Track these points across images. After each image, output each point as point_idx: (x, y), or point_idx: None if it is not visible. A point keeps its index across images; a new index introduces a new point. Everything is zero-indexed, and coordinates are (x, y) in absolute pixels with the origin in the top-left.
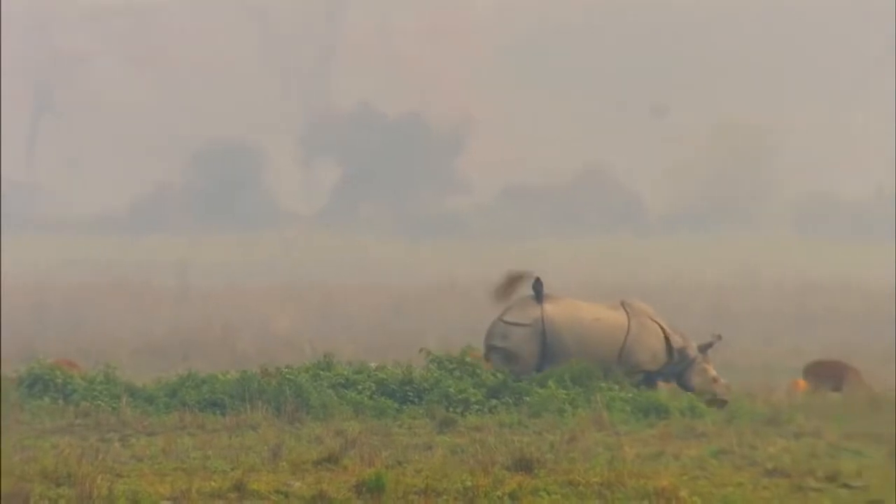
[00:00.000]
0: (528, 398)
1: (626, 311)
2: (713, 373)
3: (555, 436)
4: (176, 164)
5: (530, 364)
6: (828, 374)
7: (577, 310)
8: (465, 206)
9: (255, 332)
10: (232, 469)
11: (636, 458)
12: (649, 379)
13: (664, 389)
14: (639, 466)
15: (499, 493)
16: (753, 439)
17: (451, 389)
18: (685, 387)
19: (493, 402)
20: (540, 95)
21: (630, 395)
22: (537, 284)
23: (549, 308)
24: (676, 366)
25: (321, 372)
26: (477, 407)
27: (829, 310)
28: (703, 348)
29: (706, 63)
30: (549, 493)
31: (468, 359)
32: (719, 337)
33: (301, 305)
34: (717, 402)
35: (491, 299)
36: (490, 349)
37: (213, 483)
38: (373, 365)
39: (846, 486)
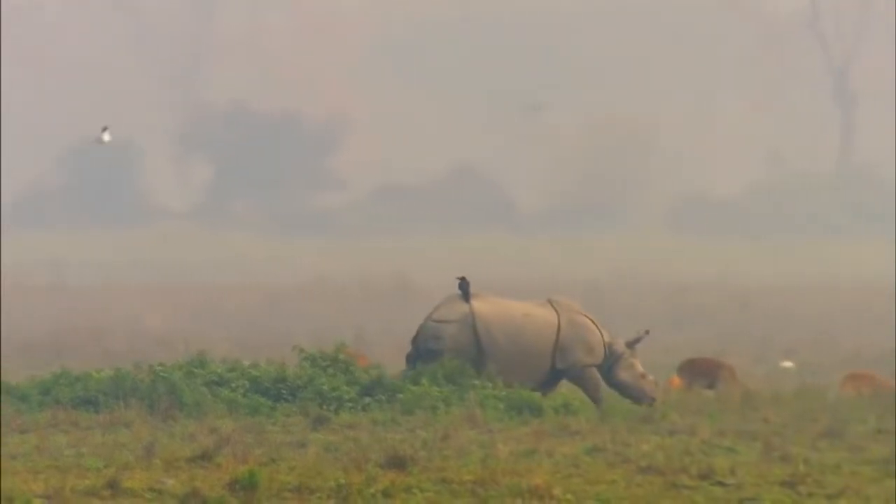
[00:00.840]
0: (401, 396)
1: (554, 308)
2: (640, 369)
3: (428, 433)
4: (50, 162)
5: (468, 359)
6: (702, 371)
7: (506, 306)
8: (338, 204)
9: (128, 330)
10: (105, 466)
11: (509, 455)
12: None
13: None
14: (512, 464)
15: (372, 490)
16: (627, 437)
17: (325, 387)
18: (612, 383)
19: (367, 399)
20: (414, 94)
21: (503, 392)
22: (463, 283)
23: (478, 305)
24: (605, 361)
25: (195, 370)
26: (350, 404)
27: (702, 307)
28: (631, 344)
29: (579, 61)
30: (422, 491)
31: (341, 356)
32: (646, 332)
33: (174, 303)
34: (645, 399)
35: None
36: (424, 352)
37: (86, 481)
38: (246, 363)
39: (720, 483)
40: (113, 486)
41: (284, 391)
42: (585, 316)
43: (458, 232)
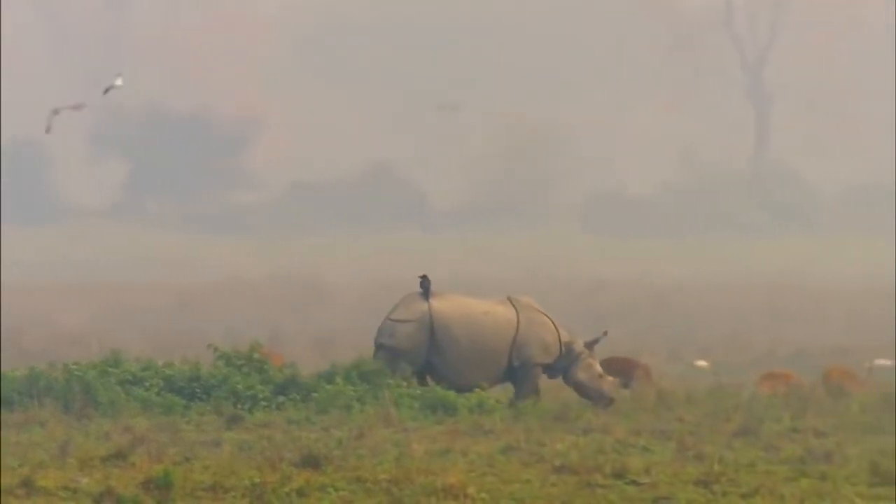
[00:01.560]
0: (315, 394)
1: (513, 305)
2: (599, 369)
3: (342, 432)
4: None
5: (416, 359)
6: (617, 370)
7: (466, 305)
8: (252, 203)
9: (42, 329)
10: (20, 465)
11: (424, 454)
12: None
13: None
14: (427, 463)
15: (286, 489)
16: (541, 436)
17: (239, 386)
18: (571, 383)
19: (281, 398)
20: (328, 92)
21: (418, 391)
22: (424, 282)
23: (436, 303)
24: (563, 360)
25: (109, 368)
26: (265, 403)
27: (617, 307)
28: (590, 344)
29: (493, 60)
30: (336, 490)
31: (256, 355)
32: (605, 333)
33: (88, 302)
34: (603, 399)
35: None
36: (377, 347)
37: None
38: (160, 362)
39: (634, 482)
40: (27, 484)
41: (199, 390)
42: (544, 315)
43: (371, 230)
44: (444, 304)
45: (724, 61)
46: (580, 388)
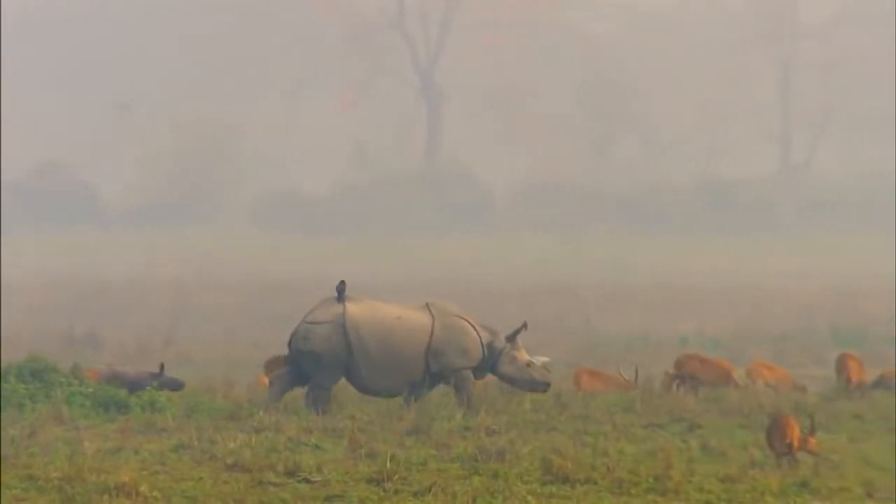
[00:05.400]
0: None
1: (430, 311)
2: (526, 358)
3: (14, 430)
4: None
5: (336, 361)
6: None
7: (379, 309)
8: None
9: None
10: None
11: (96, 452)
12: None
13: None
14: (99, 461)
15: None
16: (214, 434)
17: None
18: (500, 377)
19: None
20: (3, 90)
21: (90, 389)
22: (340, 286)
23: (351, 307)
24: (486, 360)
25: None
26: None
27: (296, 306)
28: (510, 337)
29: (167, 60)
30: (9, 488)
31: None
32: (525, 325)
33: None
34: (537, 386)
35: None
36: (297, 354)
37: None
38: None
39: (306, 480)
40: None
41: None
42: (462, 318)
43: (47, 229)
44: (358, 308)
45: (396, 60)
46: (512, 381)
